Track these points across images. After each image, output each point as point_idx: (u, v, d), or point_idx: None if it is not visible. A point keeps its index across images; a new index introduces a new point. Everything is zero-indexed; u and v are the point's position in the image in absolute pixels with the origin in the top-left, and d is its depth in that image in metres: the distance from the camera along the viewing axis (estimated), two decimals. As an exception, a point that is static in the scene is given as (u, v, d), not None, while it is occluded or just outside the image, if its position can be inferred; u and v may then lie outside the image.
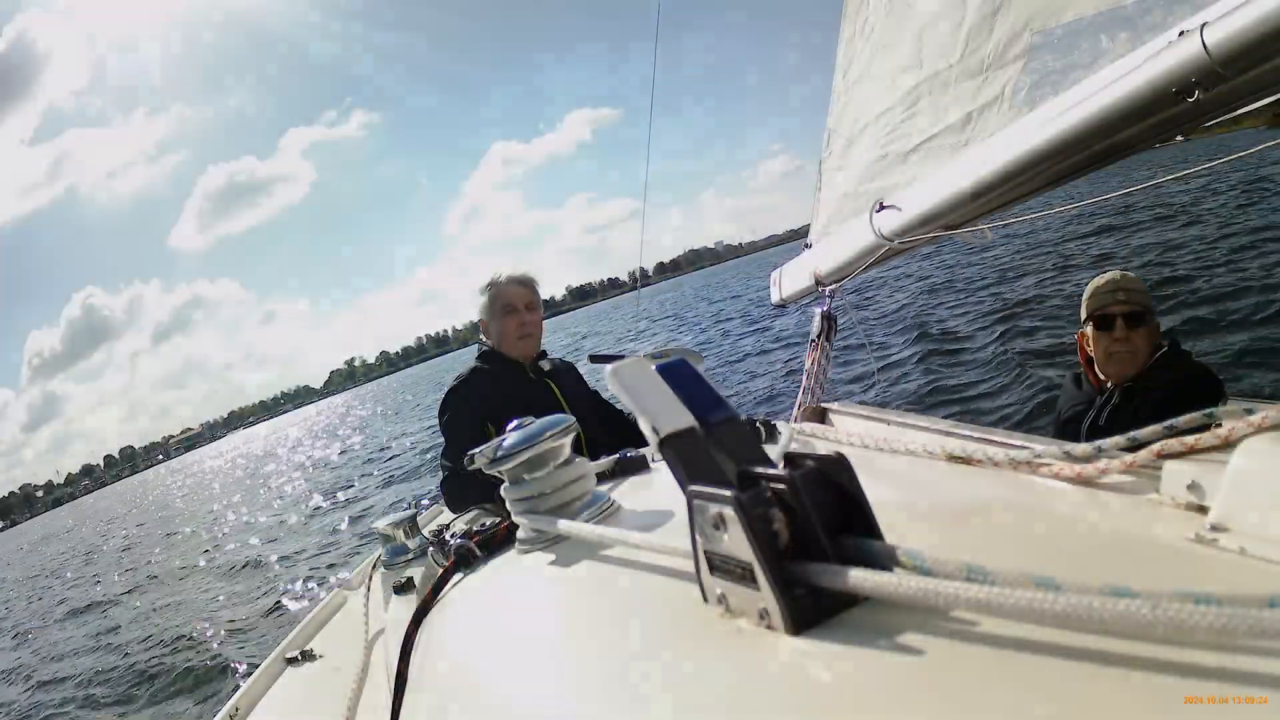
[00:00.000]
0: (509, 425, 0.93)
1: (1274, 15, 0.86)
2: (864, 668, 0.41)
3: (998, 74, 1.47)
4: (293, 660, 1.76)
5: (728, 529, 0.48)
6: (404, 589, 1.27)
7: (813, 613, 0.46)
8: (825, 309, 2.05)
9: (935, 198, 1.53)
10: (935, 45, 1.63)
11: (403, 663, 0.84)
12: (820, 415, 1.85)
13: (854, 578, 0.43)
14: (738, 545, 0.47)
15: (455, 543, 0.97)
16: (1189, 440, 0.61)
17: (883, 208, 1.69)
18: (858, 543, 0.47)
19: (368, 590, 1.69)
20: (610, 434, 2.22)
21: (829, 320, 2.05)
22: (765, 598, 0.46)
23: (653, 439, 0.56)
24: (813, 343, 2.05)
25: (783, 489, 0.47)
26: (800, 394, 1.99)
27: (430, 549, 1.19)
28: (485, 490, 1.52)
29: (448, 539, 1.04)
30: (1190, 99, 0.98)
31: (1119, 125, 1.12)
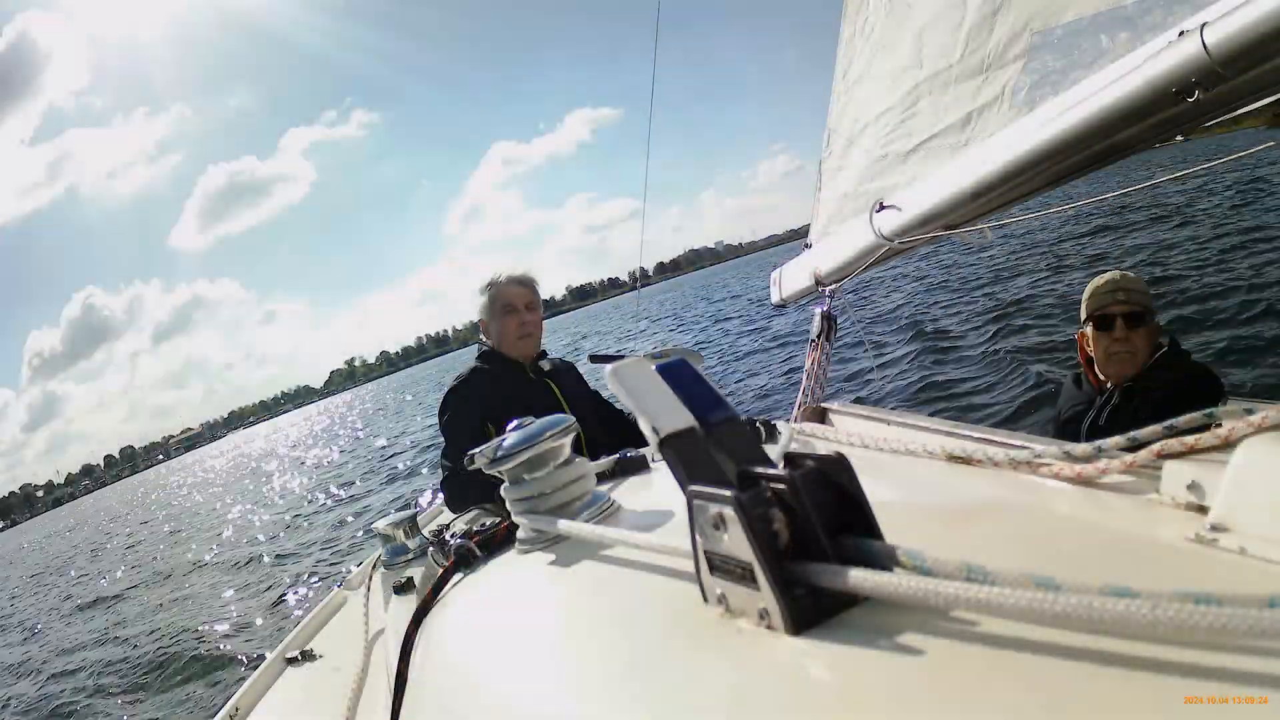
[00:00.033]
0: (509, 425, 0.93)
1: (1274, 15, 0.86)
2: (864, 668, 0.41)
3: (998, 74, 1.47)
4: (293, 660, 1.76)
5: (728, 529, 0.48)
6: (404, 589, 1.27)
7: (813, 613, 0.46)
8: (825, 309, 2.05)
9: (935, 198, 1.53)
10: (935, 45, 1.62)
11: (403, 663, 0.84)
12: (820, 415, 1.85)
13: (854, 578, 0.43)
14: (738, 545, 0.47)
15: (455, 543, 0.97)
16: (1189, 440, 0.61)
17: (883, 208, 1.68)
18: (858, 543, 0.47)
19: (368, 590, 1.69)
20: (610, 434, 2.22)
21: (829, 320, 2.05)
22: (765, 598, 0.46)
23: (653, 439, 0.56)
24: (813, 343, 2.04)
25: (783, 489, 0.47)
26: (800, 394, 1.98)
27: (430, 549, 1.19)
28: (485, 490, 1.52)
29: (448, 539, 1.04)
30: (1190, 99, 0.98)
31: (1119, 125, 1.12)
